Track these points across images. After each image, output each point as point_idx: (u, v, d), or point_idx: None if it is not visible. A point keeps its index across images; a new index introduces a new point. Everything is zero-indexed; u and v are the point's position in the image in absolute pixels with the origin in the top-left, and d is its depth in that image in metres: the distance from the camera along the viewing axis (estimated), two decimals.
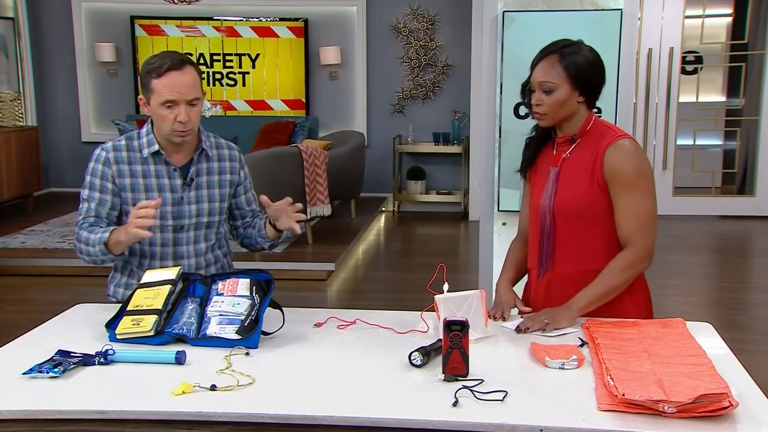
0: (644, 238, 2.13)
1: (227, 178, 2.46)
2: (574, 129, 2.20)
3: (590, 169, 2.15)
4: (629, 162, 2.11)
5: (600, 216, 2.16)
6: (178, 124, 2.26)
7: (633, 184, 2.12)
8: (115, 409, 1.60)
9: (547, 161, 2.26)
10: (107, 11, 8.53)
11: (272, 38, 8.41)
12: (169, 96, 2.23)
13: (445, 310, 1.96)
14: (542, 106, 2.16)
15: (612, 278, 2.13)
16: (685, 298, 5.30)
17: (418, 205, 8.29)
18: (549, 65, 2.14)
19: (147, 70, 2.26)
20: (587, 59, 2.14)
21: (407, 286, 5.50)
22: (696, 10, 7.69)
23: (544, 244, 2.23)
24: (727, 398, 1.51)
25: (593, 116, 2.21)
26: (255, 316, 1.99)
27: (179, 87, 2.23)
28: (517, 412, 1.56)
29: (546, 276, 2.24)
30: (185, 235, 2.41)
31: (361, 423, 1.55)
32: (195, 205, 2.40)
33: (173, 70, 2.23)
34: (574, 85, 2.13)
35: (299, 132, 7.86)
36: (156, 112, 2.27)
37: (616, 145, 2.13)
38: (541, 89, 2.15)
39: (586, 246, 2.19)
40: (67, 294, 5.11)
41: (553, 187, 2.20)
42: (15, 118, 8.13)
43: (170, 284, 2.09)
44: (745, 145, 8.07)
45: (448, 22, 8.14)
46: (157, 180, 2.37)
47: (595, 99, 2.21)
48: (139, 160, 2.37)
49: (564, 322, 2.07)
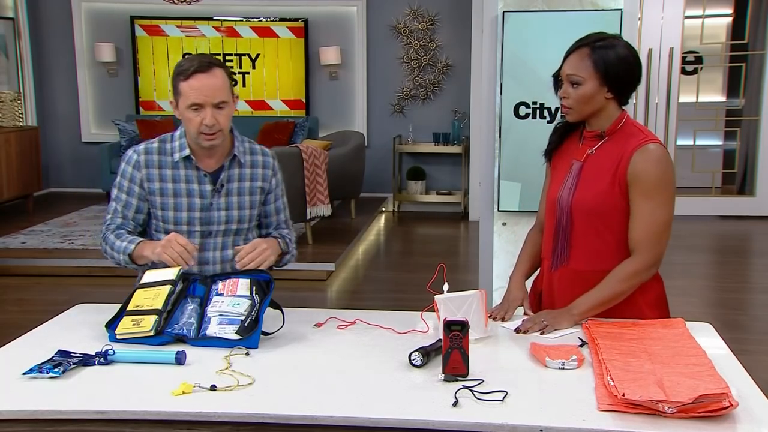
0: (653, 248, 2.11)
1: (258, 185, 2.40)
2: (603, 125, 2.16)
3: (614, 168, 2.11)
4: (654, 168, 2.08)
5: (617, 217, 2.13)
6: (204, 127, 2.21)
7: (653, 192, 2.09)
8: (115, 409, 1.60)
9: (572, 152, 2.23)
10: (107, 11, 8.53)
11: (272, 38, 8.41)
12: (195, 99, 2.20)
13: (445, 310, 1.96)
14: (568, 99, 2.12)
15: (615, 286, 2.11)
16: (685, 299, 5.30)
17: (418, 206, 8.29)
18: (578, 58, 2.10)
19: (176, 73, 2.24)
20: (619, 55, 2.10)
21: (407, 286, 5.50)
22: (696, 10, 7.69)
23: (560, 239, 2.20)
24: (727, 398, 1.51)
25: (626, 115, 2.18)
26: (255, 317, 1.99)
27: (205, 90, 2.19)
28: (517, 412, 1.56)
29: (559, 270, 2.23)
30: (212, 241, 2.37)
31: (361, 423, 1.55)
32: (224, 211, 2.35)
33: (200, 72, 2.19)
34: (602, 80, 2.09)
35: (299, 132, 7.86)
36: (184, 115, 2.25)
37: (644, 149, 2.09)
38: (568, 82, 2.12)
39: (600, 245, 2.16)
40: (67, 294, 5.11)
41: (573, 182, 2.17)
42: (15, 118, 8.13)
43: (170, 284, 2.09)
44: (745, 146, 8.07)
45: (448, 22, 8.14)
46: (187, 185, 2.32)
47: (627, 97, 2.17)
48: (170, 164, 2.32)
49: (563, 325, 2.06)
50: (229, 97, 2.25)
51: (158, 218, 2.35)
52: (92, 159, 8.46)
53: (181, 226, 2.32)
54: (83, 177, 8.75)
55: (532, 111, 3.33)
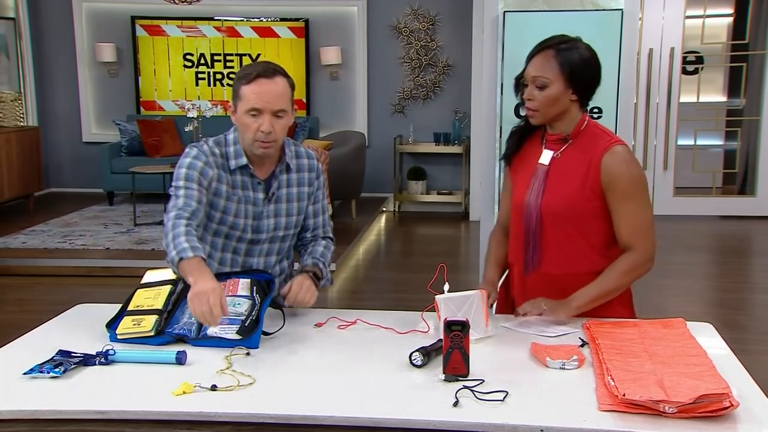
0: (646, 242, 2.13)
1: (305, 190, 2.36)
2: (566, 128, 2.17)
3: (584, 172, 2.13)
4: (628, 169, 2.11)
5: (588, 219, 2.15)
6: (260, 134, 2.14)
7: (632, 191, 2.11)
8: (115, 410, 1.60)
9: (534, 155, 2.23)
10: (108, 11, 8.53)
11: (273, 38, 8.41)
12: (255, 104, 2.13)
13: (445, 310, 1.96)
14: (534, 102, 2.13)
15: (614, 280, 2.13)
16: (686, 298, 5.30)
17: (419, 206, 8.29)
18: (544, 60, 2.11)
19: (238, 77, 2.18)
20: (583, 57, 2.11)
21: (408, 286, 5.50)
22: (697, 10, 7.69)
23: (530, 244, 2.21)
24: (728, 398, 1.51)
25: (587, 117, 2.19)
26: (256, 317, 1.99)
27: (266, 95, 2.13)
28: (517, 412, 1.56)
29: (531, 275, 2.23)
30: (259, 248, 2.33)
31: (361, 423, 1.55)
32: (273, 219, 2.30)
33: (263, 77, 2.14)
34: (567, 82, 2.10)
35: (300, 132, 7.86)
36: (241, 119, 2.17)
37: (613, 152, 2.11)
38: (534, 84, 2.12)
39: (571, 248, 2.17)
40: (67, 294, 5.10)
41: (541, 186, 2.18)
42: (16, 118, 8.14)
43: (171, 284, 2.09)
44: (745, 146, 8.06)
45: (448, 22, 8.14)
46: (243, 192, 2.25)
47: (589, 99, 2.18)
48: (227, 168, 2.25)
49: (561, 315, 2.08)
50: (288, 107, 2.19)
51: (214, 220, 2.25)
52: (93, 159, 8.46)
53: (235, 232, 2.27)
54: (84, 177, 8.76)
55: None
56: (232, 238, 2.29)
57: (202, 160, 2.21)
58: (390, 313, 2.21)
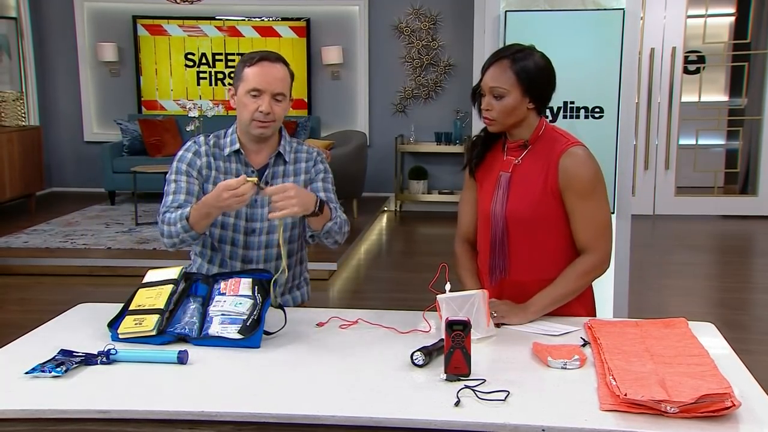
0: (603, 244, 2.15)
1: (302, 178, 2.39)
2: (525, 135, 2.18)
3: (543, 176, 2.14)
4: (584, 170, 2.12)
5: (553, 223, 2.16)
6: (258, 114, 2.24)
7: (589, 192, 2.12)
8: (117, 409, 1.60)
9: (497, 165, 2.24)
10: (109, 11, 8.53)
11: (274, 38, 8.41)
12: (257, 84, 2.23)
13: (447, 309, 1.96)
14: (492, 112, 2.13)
15: (570, 283, 2.14)
16: (688, 298, 5.30)
17: (420, 205, 8.29)
18: (500, 70, 2.12)
19: (242, 61, 2.28)
20: (537, 65, 2.12)
21: (409, 285, 5.50)
22: (698, 10, 7.68)
23: (497, 252, 2.21)
24: (730, 398, 1.50)
25: (544, 122, 2.20)
26: (257, 316, 1.99)
27: (268, 77, 2.23)
28: (519, 412, 1.56)
29: (499, 284, 2.23)
30: (257, 240, 2.36)
31: (362, 423, 1.55)
32: (268, 207, 2.29)
33: (266, 60, 2.25)
34: (524, 91, 2.11)
35: (301, 132, 7.87)
36: (241, 100, 2.26)
37: (569, 153, 2.12)
38: (491, 94, 2.13)
39: (539, 254, 2.18)
40: (69, 293, 5.11)
41: (504, 194, 2.18)
42: (17, 117, 8.14)
43: (172, 284, 2.09)
44: (747, 145, 8.06)
45: (450, 21, 8.14)
46: None
47: (545, 105, 2.19)
48: (222, 157, 2.35)
49: (515, 320, 2.08)
50: (287, 93, 2.29)
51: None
52: (94, 158, 8.47)
53: (228, 219, 2.33)
54: (85, 176, 8.76)
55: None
56: (227, 228, 2.32)
57: (192, 150, 2.35)
58: (391, 313, 2.21)
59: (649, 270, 3.81)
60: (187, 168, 2.33)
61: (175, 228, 2.22)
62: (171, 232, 2.24)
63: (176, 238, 2.23)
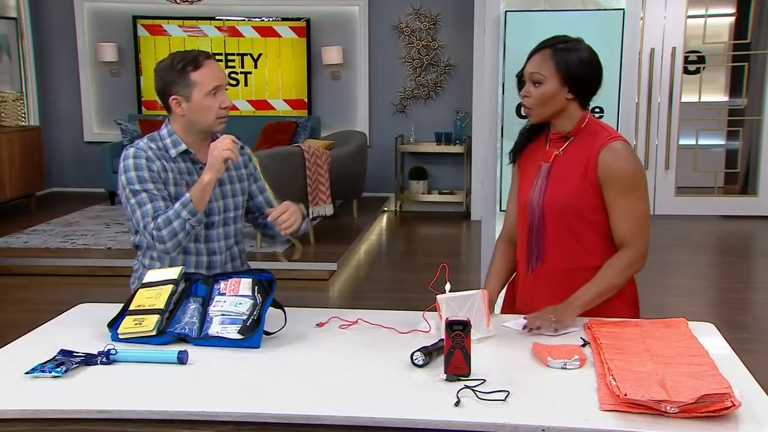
0: (641, 239, 2.15)
1: (243, 172, 2.49)
2: (567, 126, 2.19)
3: (583, 168, 2.15)
4: (624, 164, 2.12)
5: (589, 214, 2.17)
6: (222, 110, 2.30)
7: (630, 187, 2.13)
8: (117, 409, 1.60)
9: (539, 155, 2.26)
10: (109, 11, 8.53)
11: (274, 38, 8.41)
12: (216, 82, 2.28)
13: (447, 310, 1.96)
14: (529, 99, 2.16)
15: (613, 277, 2.14)
16: (688, 298, 5.30)
17: (420, 205, 8.29)
18: (541, 59, 2.14)
19: (180, 67, 2.28)
20: (580, 58, 2.14)
21: (409, 285, 5.50)
22: (698, 10, 7.68)
23: (533, 241, 2.22)
24: (730, 398, 1.50)
25: (588, 115, 2.21)
26: (257, 316, 1.99)
27: (219, 72, 2.31)
28: (519, 412, 1.55)
29: (534, 272, 2.25)
30: (215, 232, 2.42)
31: (362, 423, 1.55)
32: (221, 201, 2.41)
33: (208, 59, 2.31)
34: (563, 80, 2.12)
35: (301, 132, 7.87)
36: (200, 104, 2.28)
37: (610, 147, 2.13)
38: (530, 81, 2.15)
39: (574, 243, 2.19)
40: (69, 294, 5.11)
41: (543, 183, 2.20)
42: (17, 117, 8.14)
43: (172, 284, 2.09)
44: (747, 145, 8.05)
45: (450, 21, 8.13)
46: (189, 177, 2.36)
47: (588, 98, 2.20)
48: (169, 159, 2.36)
49: (569, 320, 2.06)
50: None
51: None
52: (94, 159, 8.46)
53: None
54: (85, 177, 8.76)
55: None
56: None
57: (142, 156, 2.32)
58: (391, 313, 2.21)
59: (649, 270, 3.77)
60: (149, 174, 2.29)
61: (179, 221, 2.23)
62: (175, 229, 2.23)
63: (182, 232, 2.24)
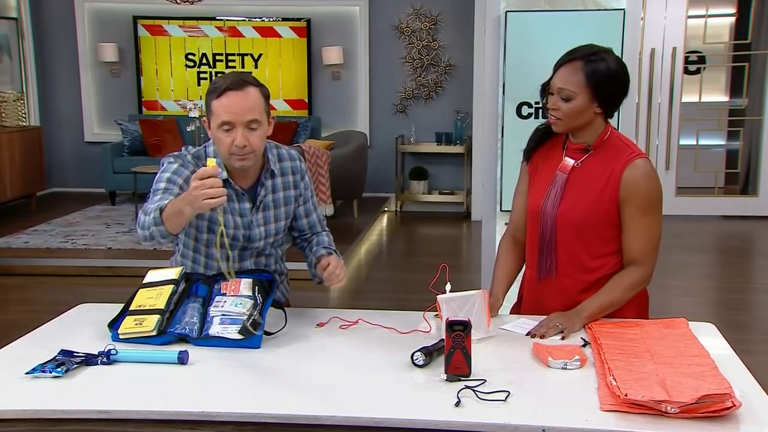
0: (652, 261, 2.14)
1: (291, 193, 2.33)
2: (588, 139, 2.15)
3: (603, 183, 2.11)
4: (648, 184, 2.10)
5: (603, 229, 2.14)
6: (235, 148, 2.09)
7: (649, 207, 2.11)
8: (117, 409, 1.60)
9: (554, 160, 2.21)
10: (110, 11, 8.54)
11: (275, 38, 8.42)
12: (225, 117, 2.08)
13: (447, 310, 1.96)
14: (558, 111, 2.11)
15: (620, 293, 2.12)
16: (688, 299, 5.30)
17: (421, 205, 8.29)
18: (571, 72, 2.08)
19: (209, 91, 2.13)
20: (610, 70, 2.08)
21: (410, 286, 5.50)
22: (699, 10, 7.68)
23: (545, 252, 2.20)
24: (730, 399, 1.50)
25: (610, 128, 2.17)
26: (257, 316, 2.00)
27: (235, 108, 2.07)
28: (519, 412, 1.56)
29: (545, 281, 2.23)
30: (249, 252, 2.31)
31: (363, 423, 1.55)
32: (264, 227, 2.28)
33: (232, 90, 2.08)
34: (593, 95, 2.07)
35: (302, 132, 7.87)
36: (215, 134, 2.13)
37: (635, 165, 2.09)
38: (559, 95, 2.10)
39: (584, 256, 2.17)
40: (69, 294, 5.11)
41: (558, 195, 2.16)
42: (18, 118, 8.14)
43: (173, 284, 2.09)
44: (748, 145, 8.05)
45: (450, 22, 8.13)
46: (229, 204, 2.20)
47: (614, 111, 2.16)
48: None
49: (577, 328, 2.05)
50: (263, 117, 2.13)
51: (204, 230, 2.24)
52: (95, 159, 8.47)
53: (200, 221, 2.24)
54: (86, 177, 8.76)
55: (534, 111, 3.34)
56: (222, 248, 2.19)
57: (183, 176, 2.16)
58: (392, 313, 2.21)
59: None
60: (182, 184, 2.14)
61: (148, 219, 2.03)
62: (144, 223, 2.05)
63: (147, 230, 2.04)
